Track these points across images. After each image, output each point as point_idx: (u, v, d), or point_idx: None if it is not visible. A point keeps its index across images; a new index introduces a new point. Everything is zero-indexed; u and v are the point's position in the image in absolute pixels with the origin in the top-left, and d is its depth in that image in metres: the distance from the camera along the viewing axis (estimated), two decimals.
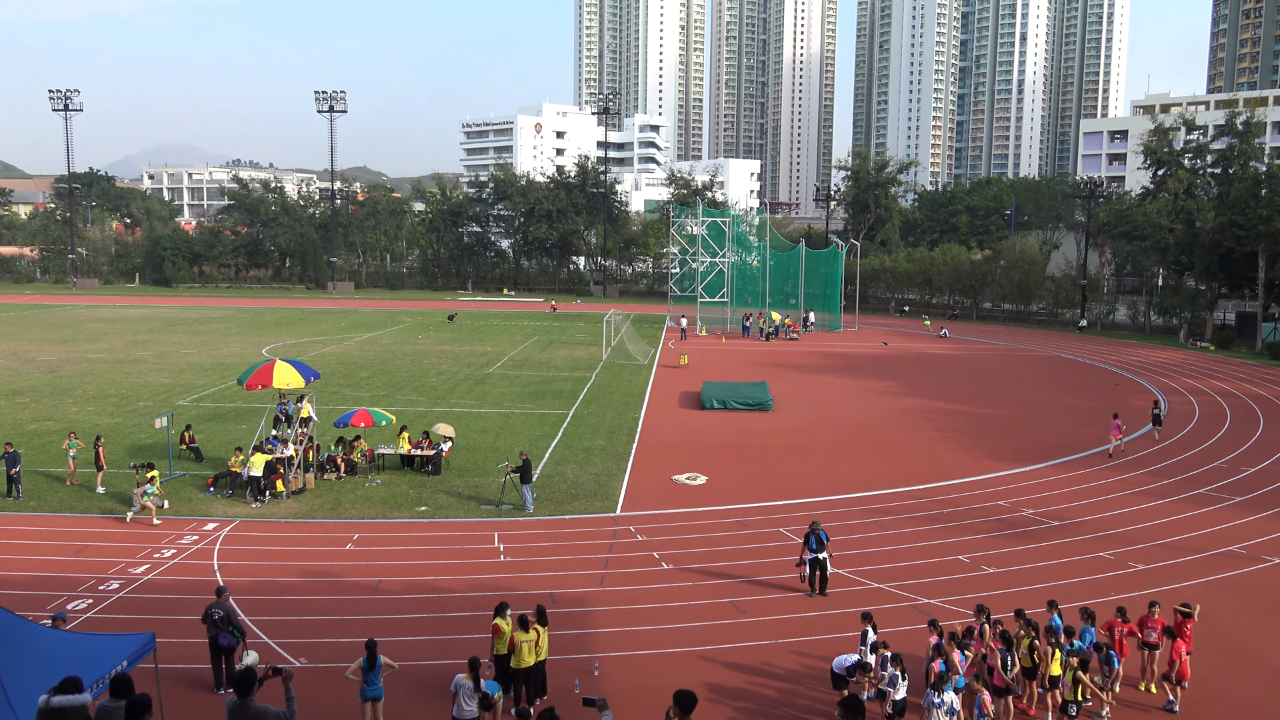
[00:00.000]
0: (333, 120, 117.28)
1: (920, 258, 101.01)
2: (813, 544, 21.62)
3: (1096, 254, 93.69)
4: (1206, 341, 73.30)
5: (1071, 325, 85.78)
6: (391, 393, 46.86)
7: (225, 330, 73.82)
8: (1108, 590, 21.91)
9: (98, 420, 39.10)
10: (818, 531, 21.73)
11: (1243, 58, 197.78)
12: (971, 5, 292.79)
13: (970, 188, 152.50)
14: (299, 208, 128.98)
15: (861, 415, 43.71)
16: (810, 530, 21.83)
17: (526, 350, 64.23)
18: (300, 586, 21.89)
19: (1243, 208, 68.64)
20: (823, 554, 21.66)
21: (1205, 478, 32.76)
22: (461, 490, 29.85)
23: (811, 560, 21.67)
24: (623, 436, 37.99)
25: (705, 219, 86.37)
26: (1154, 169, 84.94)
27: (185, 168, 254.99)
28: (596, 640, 19.33)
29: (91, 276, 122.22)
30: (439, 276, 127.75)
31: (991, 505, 29.14)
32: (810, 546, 21.66)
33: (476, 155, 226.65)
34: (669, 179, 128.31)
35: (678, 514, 27.86)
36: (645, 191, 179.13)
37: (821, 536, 21.69)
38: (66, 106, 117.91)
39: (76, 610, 20.23)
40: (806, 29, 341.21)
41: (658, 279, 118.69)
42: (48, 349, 61.27)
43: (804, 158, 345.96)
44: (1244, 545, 25.53)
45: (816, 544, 21.60)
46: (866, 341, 73.06)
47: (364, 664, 15.76)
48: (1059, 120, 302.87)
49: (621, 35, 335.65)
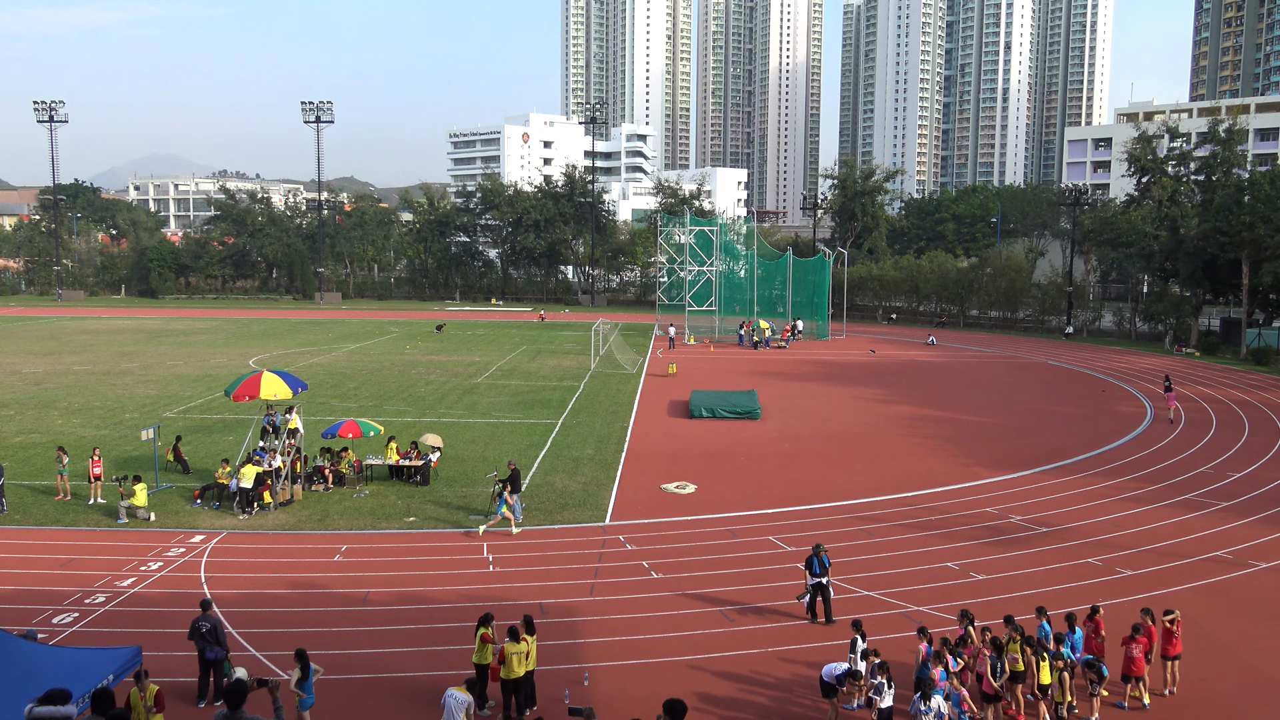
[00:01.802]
0: (319, 131, 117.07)
1: (907, 265, 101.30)
2: (815, 568, 20.47)
3: (1082, 261, 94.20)
4: (1192, 348, 73.72)
5: (1058, 332, 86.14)
6: (380, 403, 46.73)
7: (212, 341, 73.51)
8: (1096, 596, 21.94)
9: (84, 433, 38.87)
10: (821, 555, 20.64)
11: (1224, 65, 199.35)
12: (956, 14, 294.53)
13: (956, 196, 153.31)
14: (286, 218, 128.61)
15: (850, 423, 43.80)
16: (813, 554, 20.74)
17: (515, 360, 64.17)
18: (288, 598, 21.79)
19: (1226, 214, 69.12)
20: (826, 579, 20.53)
21: (1192, 483, 32.92)
22: (450, 500, 29.77)
23: (815, 586, 20.50)
24: (611, 446, 37.97)
25: (693, 228, 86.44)
26: (1138, 176, 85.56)
27: (171, 178, 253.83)
28: (586, 650, 19.29)
29: (77, 288, 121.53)
30: (427, 287, 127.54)
31: (980, 512, 29.22)
32: (814, 571, 20.48)
33: (464, 165, 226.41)
34: (656, 188, 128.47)
35: (667, 523, 27.84)
36: (633, 201, 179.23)
37: (824, 560, 20.62)
38: (51, 118, 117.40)
39: (63, 624, 20.09)
40: (792, 38, 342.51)
41: (645, 288, 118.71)
42: (33, 361, 60.91)
43: (791, 166, 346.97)
44: (1231, 550, 25.65)
45: (820, 568, 20.48)
46: (854, 349, 73.24)
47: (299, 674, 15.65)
48: (1044, 128, 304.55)
49: (608, 45, 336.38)
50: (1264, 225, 65.92)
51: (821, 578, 20.51)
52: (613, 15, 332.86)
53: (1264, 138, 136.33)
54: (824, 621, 20.55)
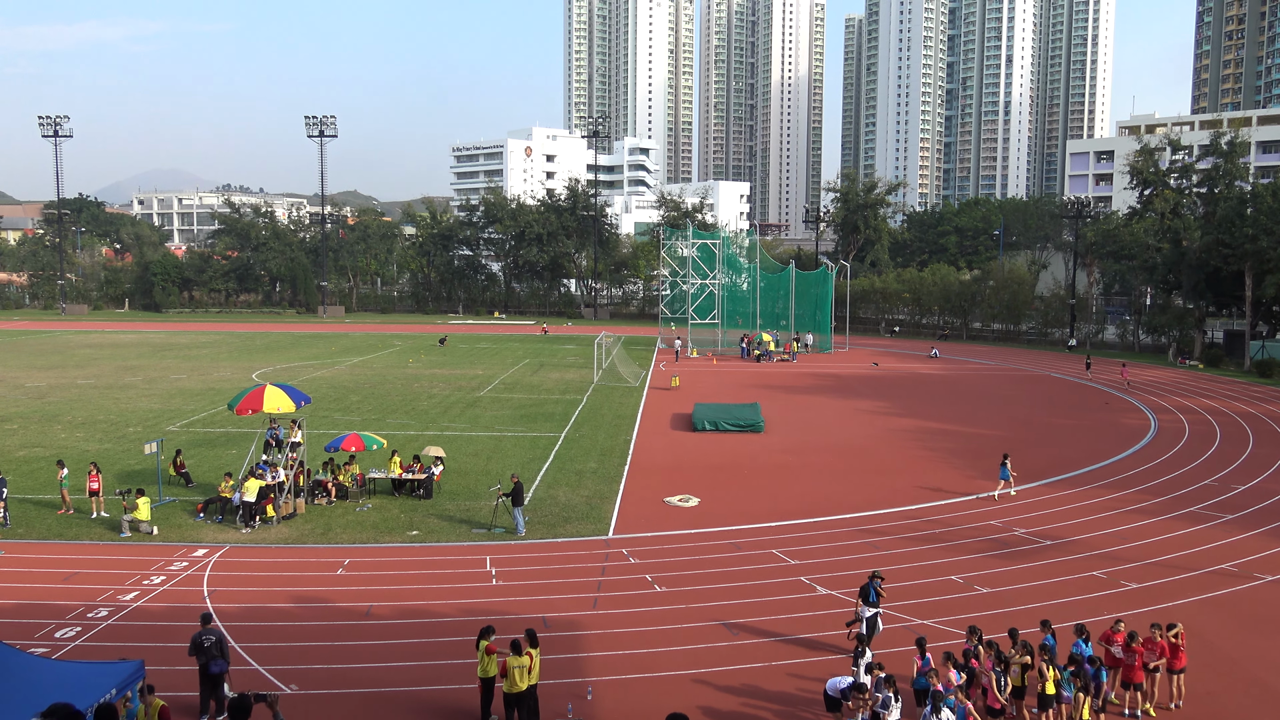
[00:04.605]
0: (323, 145, 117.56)
1: (910, 278, 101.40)
2: (872, 597, 19.62)
3: (1085, 273, 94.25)
4: (1195, 360, 73.64)
5: (1061, 345, 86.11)
6: (382, 417, 46.75)
7: (215, 355, 73.61)
8: (1101, 609, 21.90)
9: (87, 446, 38.91)
10: (875, 584, 19.83)
11: (1226, 78, 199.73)
12: (958, 28, 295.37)
13: (958, 209, 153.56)
14: (289, 232, 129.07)
15: (853, 436, 43.75)
16: (869, 583, 19.84)
17: (518, 373, 64.19)
18: (291, 612, 21.75)
19: (1229, 227, 69.15)
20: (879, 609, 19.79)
21: (1196, 496, 32.84)
22: (453, 514, 29.75)
23: (870, 619, 19.59)
24: (614, 459, 37.94)
25: (695, 241, 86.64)
26: (1140, 189, 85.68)
27: (175, 193, 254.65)
28: (589, 664, 19.24)
29: (81, 302, 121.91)
30: (430, 300, 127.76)
31: (984, 525, 29.16)
32: (870, 600, 19.60)
33: (467, 179, 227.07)
34: (659, 201, 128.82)
35: (670, 536, 27.80)
36: (635, 214, 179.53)
37: (879, 589, 19.86)
38: (56, 133, 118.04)
39: (65, 638, 20.06)
40: (794, 52, 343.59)
41: (648, 301, 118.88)
42: (36, 375, 61.00)
43: (793, 180, 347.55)
44: (1235, 563, 25.57)
45: (875, 597, 19.70)
46: (857, 362, 73.21)
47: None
48: (1045, 141, 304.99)
49: (611, 59, 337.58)
50: (1267, 237, 65.94)
51: (877, 608, 19.83)
52: (615, 29, 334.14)
53: (1266, 150, 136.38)
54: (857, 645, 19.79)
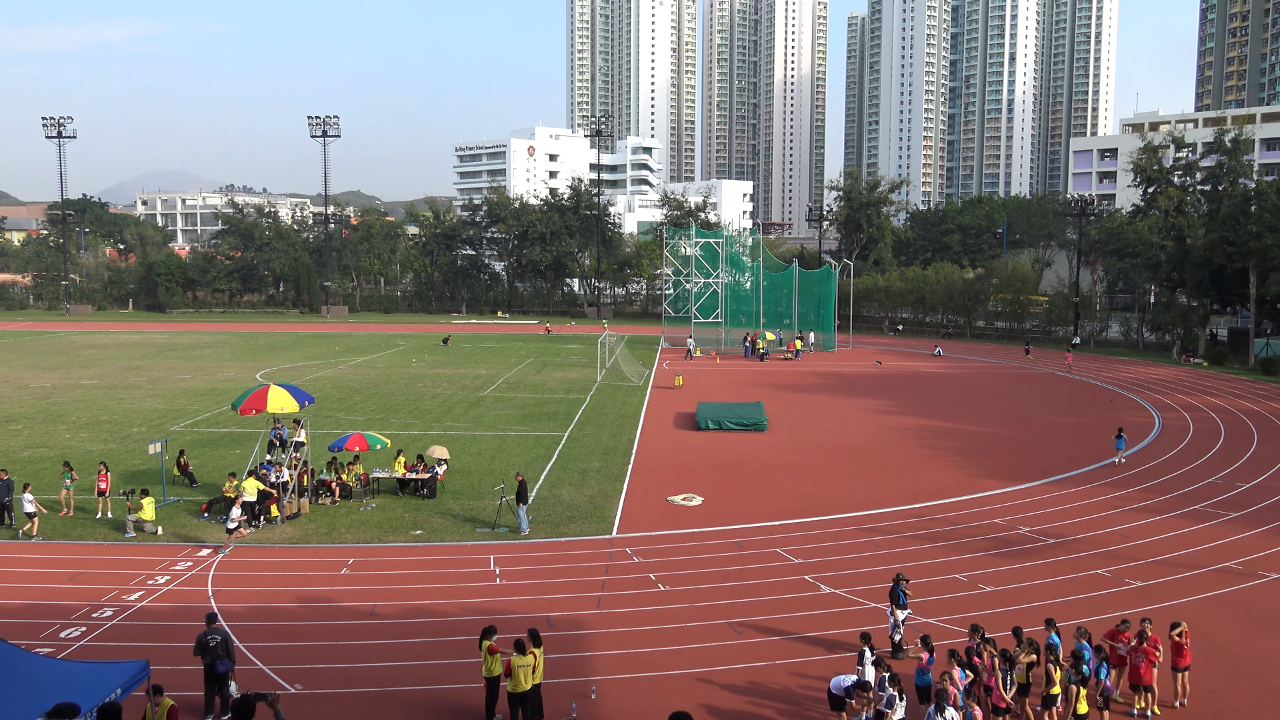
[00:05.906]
0: (326, 145, 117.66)
1: (913, 277, 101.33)
2: (902, 600, 19.51)
3: (1088, 271, 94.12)
4: (1199, 358, 73.51)
5: (1065, 342, 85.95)
6: (386, 416, 46.78)
7: (219, 355, 73.70)
8: (1105, 608, 21.87)
9: (91, 447, 38.96)
10: (903, 586, 19.70)
11: (1229, 75, 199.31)
12: (960, 26, 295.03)
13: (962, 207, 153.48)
14: (293, 232, 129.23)
15: (857, 435, 43.72)
16: (895, 585, 19.75)
17: (521, 372, 64.20)
18: (295, 612, 21.77)
19: (1233, 224, 69.04)
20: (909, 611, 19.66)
21: (1201, 494, 32.79)
22: (457, 513, 29.76)
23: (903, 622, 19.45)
24: (618, 458, 37.94)
25: (698, 240, 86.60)
26: (1144, 186, 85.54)
27: (179, 193, 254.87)
28: (593, 663, 19.23)
29: (85, 303, 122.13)
30: (433, 300, 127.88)
31: (988, 523, 29.12)
32: (900, 603, 19.46)
33: (470, 178, 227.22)
34: (662, 200, 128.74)
35: (674, 535, 27.79)
36: (638, 213, 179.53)
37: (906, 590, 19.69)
38: (60, 134, 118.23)
39: (70, 638, 20.09)
40: (797, 51, 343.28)
41: (651, 300, 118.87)
42: (41, 375, 61.10)
43: (796, 178, 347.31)
44: (1240, 561, 25.52)
45: (904, 600, 19.57)
46: (861, 361, 73.16)
47: None
48: (1049, 139, 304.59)
49: (614, 58, 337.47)
50: (1271, 235, 65.83)
51: (908, 609, 19.72)
52: (618, 28, 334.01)
53: (1270, 147, 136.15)
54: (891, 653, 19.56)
